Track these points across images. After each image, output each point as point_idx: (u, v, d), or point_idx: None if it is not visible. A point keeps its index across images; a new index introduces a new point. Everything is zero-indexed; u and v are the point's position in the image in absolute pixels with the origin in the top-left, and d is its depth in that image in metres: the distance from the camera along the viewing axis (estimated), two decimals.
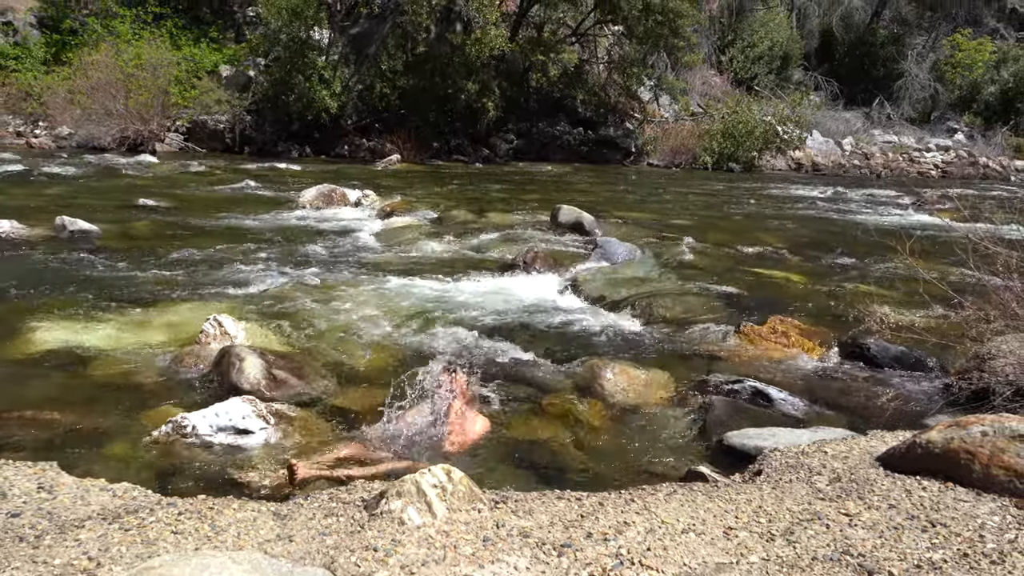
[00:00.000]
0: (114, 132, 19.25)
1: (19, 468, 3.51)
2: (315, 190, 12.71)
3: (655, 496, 3.39)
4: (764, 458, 3.90)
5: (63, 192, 12.63)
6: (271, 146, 20.74)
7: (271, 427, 4.37)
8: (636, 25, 22.23)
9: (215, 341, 5.57)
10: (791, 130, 24.16)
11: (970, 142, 29.48)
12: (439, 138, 22.22)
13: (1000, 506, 3.15)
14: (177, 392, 4.91)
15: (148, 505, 3.19)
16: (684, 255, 9.55)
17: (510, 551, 2.81)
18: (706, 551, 2.86)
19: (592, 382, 5.30)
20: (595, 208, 12.06)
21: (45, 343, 5.56)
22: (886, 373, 5.66)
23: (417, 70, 21.20)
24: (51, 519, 3.02)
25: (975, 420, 3.52)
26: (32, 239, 8.91)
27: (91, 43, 21.12)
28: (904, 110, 31.33)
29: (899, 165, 26.77)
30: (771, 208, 15.53)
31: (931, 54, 32.45)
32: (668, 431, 4.69)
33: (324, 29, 20.81)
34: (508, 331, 6.38)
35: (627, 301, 7.32)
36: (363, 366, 5.52)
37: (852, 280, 8.61)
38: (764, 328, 6.40)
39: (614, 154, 24.10)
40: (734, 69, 30.44)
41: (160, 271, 7.84)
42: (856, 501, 3.26)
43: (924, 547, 2.85)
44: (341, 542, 2.86)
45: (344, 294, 7.27)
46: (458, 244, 10.03)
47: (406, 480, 3.13)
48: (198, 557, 2.38)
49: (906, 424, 4.58)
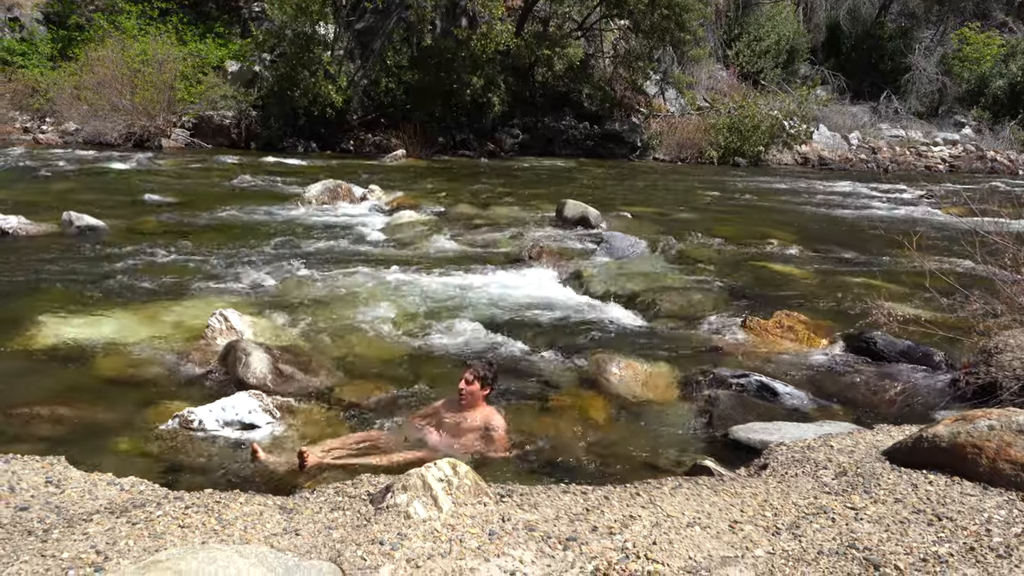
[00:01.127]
0: (120, 128, 19.31)
1: (27, 462, 3.53)
2: (321, 185, 12.73)
3: (660, 490, 3.39)
4: (770, 452, 3.90)
5: (70, 188, 12.67)
6: (277, 141, 20.76)
7: (277, 421, 4.39)
8: (642, 19, 22.17)
9: (221, 336, 5.59)
10: (797, 125, 24.06)
11: (978, 136, 29.34)
12: (444, 133, 22.21)
13: (1007, 500, 3.15)
14: (184, 387, 4.93)
15: (155, 499, 3.20)
16: (690, 249, 9.54)
17: (516, 544, 2.81)
18: (712, 544, 2.86)
19: (598, 376, 5.30)
20: (601, 203, 12.04)
21: (52, 338, 5.59)
22: (892, 367, 5.64)
23: (422, 65, 21.17)
24: (59, 513, 3.04)
25: (982, 414, 3.51)
26: (39, 235, 8.94)
27: (97, 39, 21.16)
28: (911, 104, 31.17)
29: (906, 159, 26.66)
30: (777, 203, 15.48)
31: (939, 48, 32.29)
32: (674, 425, 4.69)
33: (330, 24, 20.77)
34: (514, 325, 6.39)
35: (633, 295, 7.31)
36: (369, 360, 5.53)
37: (858, 274, 8.59)
38: (770, 322, 6.40)
39: (620, 149, 24.05)
40: (740, 63, 30.30)
41: (166, 266, 7.87)
42: (862, 495, 3.25)
43: (930, 541, 2.84)
44: (347, 536, 2.87)
45: (349, 289, 7.28)
46: (463, 239, 10.03)
47: (412, 474, 3.14)
48: (205, 551, 2.39)
49: (912, 418, 4.58)
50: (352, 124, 21.47)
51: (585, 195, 12.67)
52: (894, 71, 32.08)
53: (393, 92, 21.33)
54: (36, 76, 21.66)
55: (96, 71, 19.56)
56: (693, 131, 24.57)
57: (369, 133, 21.74)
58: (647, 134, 24.48)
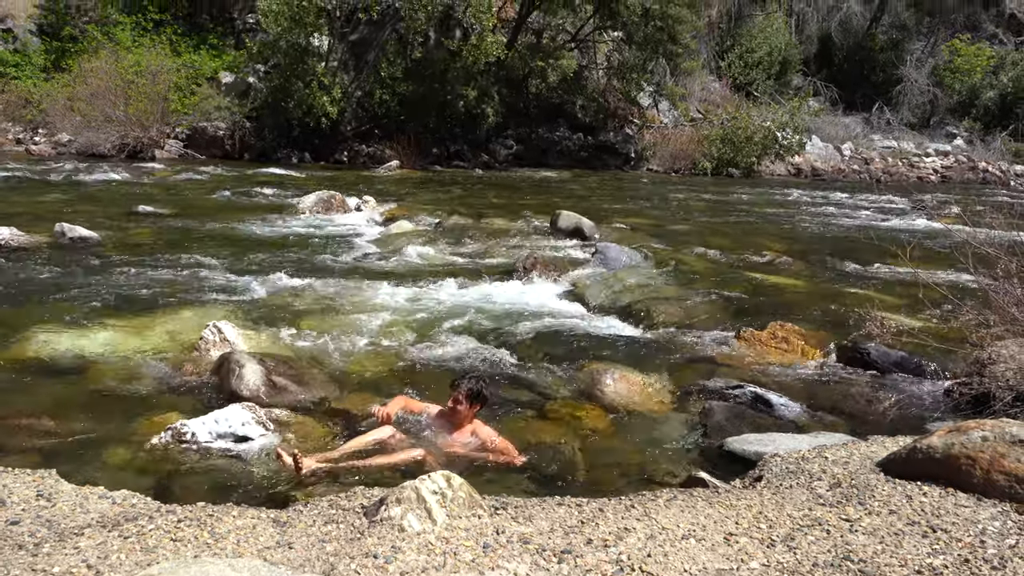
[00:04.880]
0: (114, 139, 19.28)
1: (18, 475, 3.50)
2: (314, 196, 12.72)
3: (655, 502, 3.39)
4: (764, 464, 3.89)
5: (62, 199, 12.64)
6: (271, 152, 20.77)
7: (270, 434, 4.36)
8: (635, 31, 22.31)
9: (214, 348, 5.57)
10: (790, 136, 24.17)
11: (969, 147, 29.51)
12: (438, 144, 22.25)
13: (1001, 511, 3.15)
14: (176, 399, 4.91)
15: (147, 512, 3.18)
16: (684, 260, 9.55)
17: (510, 557, 2.80)
18: (706, 557, 2.85)
19: (592, 387, 5.29)
20: (595, 213, 12.06)
21: (44, 350, 5.55)
22: (886, 378, 5.65)
23: (416, 76, 21.23)
24: (50, 527, 3.02)
25: (975, 425, 3.52)
26: (32, 246, 8.90)
27: (91, 50, 21.18)
28: (903, 115, 31.34)
29: (899, 170, 26.78)
30: (770, 213, 15.54)
31: (930, 59, 32.48)
32: (668, 436, 4.68)
33: (323, 36, 20.82)
34: (508, 337, 6.38)
35: (627, 306, 7.32)
36: (362, 372, 5.51)
37: (852, 285, 8.61)
38: (764, 333, 6.40)
39: (614, 160, 24.13)
40: (733, 75, 30.45)
41: (159, 278, 7.84)
42: (856, 507, 3.25)
43: (925, 553, 2.84)
44: (341, 549, 2.85)
45: (343, 300, 7.27)
46: (458, 250, 10.02)
47: (406, 487, 3.13)
48: (198, 564, 2.38)
49: (907, 429, 4.58)
50: (346, 135, 21.50)
51: (579, 206, 12.69)
52: (886, 82, 32.26)
53: (387, 103, 21.36)
54: (29, 87, 21.65)
55: (89, 82, 19.54)
56: (686, 142, 24.66)
57: (363, 144, 21.77)
58: (641, 145, 24.58)
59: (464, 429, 4.34)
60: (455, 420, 4.34)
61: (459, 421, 4.33)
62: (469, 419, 4.36)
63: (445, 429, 4.37)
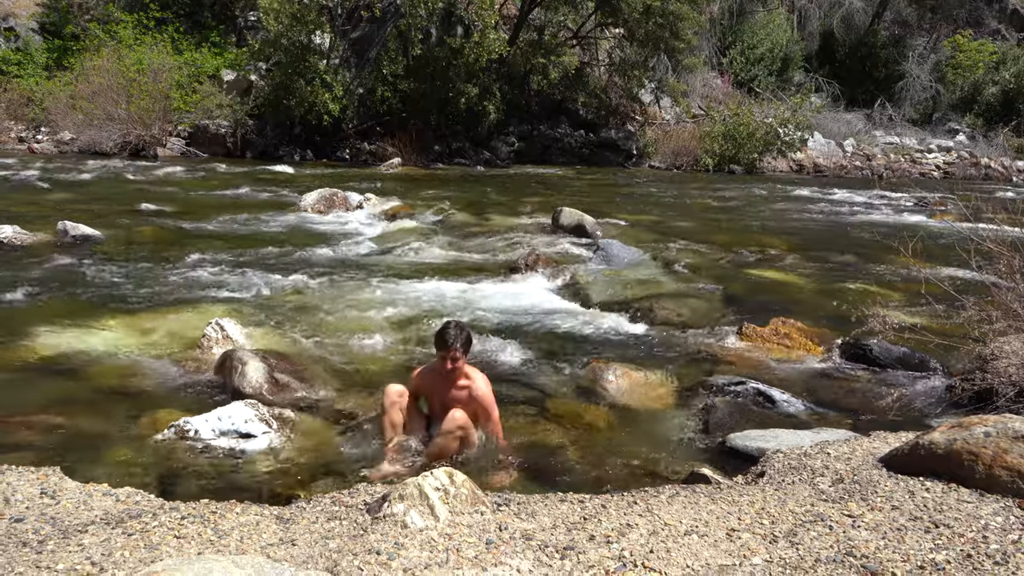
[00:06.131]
0: (116, 137, 19.27)
1: (22, 473, 3.51)
2: (316, 194, 12.72)
3: (658, 498, 3.39)
4: (767, 459, 3.89)
5: (65, 197, 12.64)
6: (273, 150, 20.75)
7: (273, 431, 4.37)
8: (637, 28, 22.26)
9: (217, 345, 5.57)
10: (792, 132, 24.13)
11: (971, 143, 29.47)
12: (440, 141, 22.22)
13: (1003, 507, 3.15)
14: (179, 396, 4.92)
15: (151, 510, 3.19)
16: (686, 257, 9.55)
17: (513, 554, 2.80)
18: (709, 553, 2.85)
19: (594, 384, 5.30)
20: (597, 210, 12.06)
21: (47, 348, 5.57)
22: (889, 374, 5.65)
23: (418, 73, 21.20)
24: (54, 524, 3.02)
25: (978, 421, 3.52)
26: (34, 244, 8.91)
27: (93, 48, 21.13)
28: (905, 111, 31.28)
29: (901, 166, 26.76)
30: (773, 210, 15.52)
31: (932, 55, 32.40)
32: (670, 433, 4.68)
33: (325, 33, 20.78)
34: (510, 334, 6.38)
35: (629, 303, 7.32)
36: (365, 369, 5.52)
37: (854, 281, 8.60)
38: (766, 329, 6.40)
39: (615, 156, 24.10)
40: (735, 71, 30.39)
41: (162, 275, 7.85)
42: (859, 502, 3.25)
43: (927, 548, 2.84)
44: (344, 546, 2.86)
45: (346, 298, 7.27)
46: (459, 247, 10.03)
47: (408, 483, 3.13)
48: (201, 561, 2.38)
49: (909, 425, 4.57)
50: (348, 133, 21.48)
51: (581, 203, 12.67)
52: (888, 78, 32.19)
53: (389, 101, 21.33)
54: (31, 86, 21.61)
55: (91, 81, 19.51)
56: (688, 139, 24.65)
57: (365, 142, 21.74)
58: (642, 142, 24.55)
59: (461, 378, 4.33)
60: (456, 375, 4.32)
61: (458, 374, 4.32)
62: (465, 367, 4.37)
63: (443, 379, 4.35)
